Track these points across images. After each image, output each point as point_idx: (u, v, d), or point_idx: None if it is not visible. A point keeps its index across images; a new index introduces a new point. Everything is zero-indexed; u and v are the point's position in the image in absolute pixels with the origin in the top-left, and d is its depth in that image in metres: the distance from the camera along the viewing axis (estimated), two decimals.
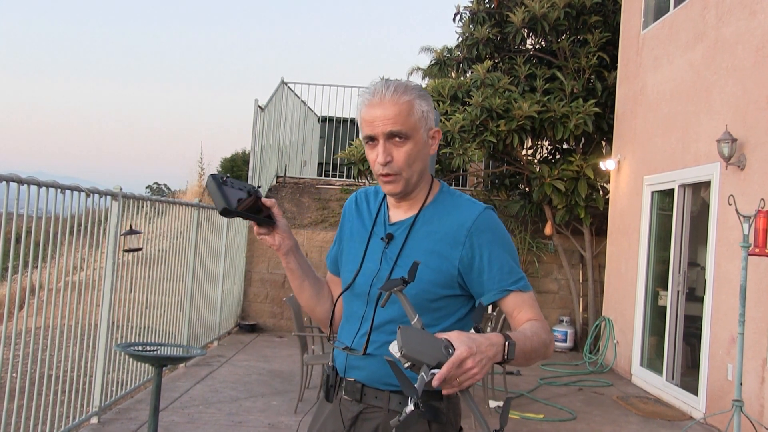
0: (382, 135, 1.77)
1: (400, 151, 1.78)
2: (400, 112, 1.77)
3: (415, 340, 1.47)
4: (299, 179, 12.30)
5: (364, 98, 1.82)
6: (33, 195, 3.96)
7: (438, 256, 1.80)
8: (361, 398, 1.84)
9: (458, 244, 1.80)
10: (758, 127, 5.73)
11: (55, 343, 4.44)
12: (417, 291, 1.76)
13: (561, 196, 9.02)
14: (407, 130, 1.77)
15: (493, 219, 1.83)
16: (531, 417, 5.94)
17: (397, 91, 1.78)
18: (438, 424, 1.80)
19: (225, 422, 5.32)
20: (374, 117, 1.78)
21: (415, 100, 1.79)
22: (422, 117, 1.80)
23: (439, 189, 1.91)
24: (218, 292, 8.63)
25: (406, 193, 1.85)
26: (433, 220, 1.85)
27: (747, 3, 6.07)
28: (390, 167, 1.79)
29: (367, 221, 1.95)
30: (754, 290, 5.55)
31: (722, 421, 5.69)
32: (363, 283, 1.87)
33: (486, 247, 1.79)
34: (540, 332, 1.73)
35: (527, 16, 9.48)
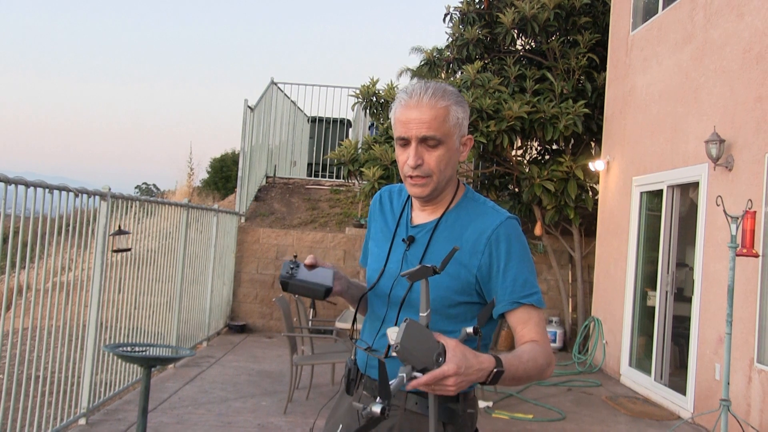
0: (415, 138, 1.77)
1: (432, 155, 1.78)
2: (436, 116, 1.76)
3: (415, 339, 1.47)
4: (289, 179, 12.29)
5: (400, 98, 1.81)
6: (21, 195, 3.93)
7: (457, 263, 1.78)
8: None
9: (477, 252, 1.78)
10: (746, 128, 5.77)
11: (42, 344, 4.41)
12: (435, 296, 1.75)
13: (550, 196, 9.05)
14: (441, 136, 1.77)
15: (513, 229, 1.81)
16: (520, 417, 5.95)
17: (435, 95, 1.77)
18: (453, 425, 1.79)
19: (214, 423, 5.30)
20: (410, 119, 1.76)
21: (452, 106, 1.79)
22: (457, 123, 1.80)
23: (464, 194, 1.90)
24: (207, 293, 8.60)
25: (432, 198, 1.85)
26: (455, 225, 1.84)
27: (735, 5, 6.11)
28: (420, 170, 1.78)
29: (390, 221, 1.96)
30: (741, 290, 5.59)
31: (710, 420, 5.72)
32: (385, 284, 1.87)
33: (503, 257, 1.77)
34: (538, 357, 1.72)
35: (517, 17, 9.50)
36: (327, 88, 12.68)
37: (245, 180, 10.71)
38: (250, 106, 10.86)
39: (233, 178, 16.53)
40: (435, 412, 1.59)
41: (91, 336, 5.07)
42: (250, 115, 10.87)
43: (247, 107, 10.78)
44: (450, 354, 1.49)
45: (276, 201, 11.35)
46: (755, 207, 5.36)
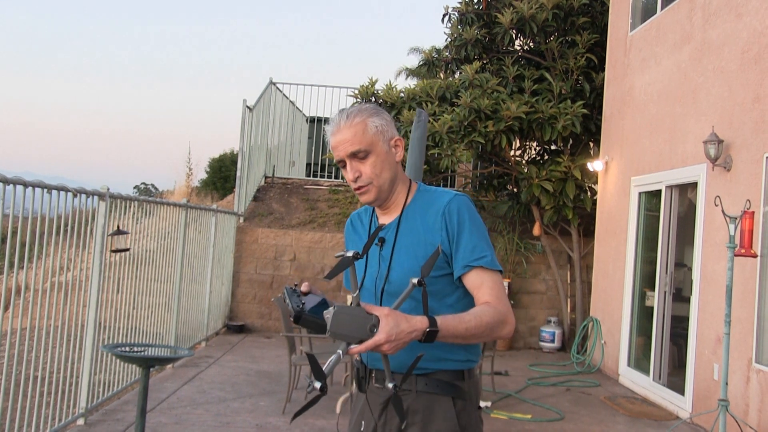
0: (346, 156, 2.01)
1: (365, 165, 2.02)
2: (355, 132, 2.00)
3: (344, 321, 1.69)
4: (287, 180, 12.28)
5: (328, 130, 2.06)
6: (19, 195, 3.93)
7: (424, 244, 2.00)
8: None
9: (436, 230, 2.00)
10: (744, 128, 5.78)
11: (41, 344, 4.40)
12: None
13: (549, 196, 9.05)
14: (366, 146, 2.00)
15: (462, 202, 2.03)
16: (519, 417, 5.96)
17: (350, 116, 2.02)
18: (461, 400, 2.02)
19: (212, 423, 5.30)
20: (337, 143, 2.02)
21: (367, 119, 2.02)
22: (377, 131, 2.03)
23: (417, 189, 2.13)
24: (206, 293, 8.60)
25: (383, 200, 2.08)
26: (415, 216, 2.06)
27: (733, 5, 6.12)
28: (361, 180, 2.02)
29: (362, 234, 2.22)
30: (740, 291, 5.59)
31: (708, 420, 5.73)
32: (369, 284, 2.10)
33: (456, 227, 1.99)
34: (484, 315, 1.88)
35: (515, 17, 9.51)
36: (326, 88, 12.67)
37: (244, 180, 10.71)
38: (249, 106, 10.86)
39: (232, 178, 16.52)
40: (388, 367, 1.83)
41: (90, 336, 5.06)
42: (249, 115, 10.87)
43: (246, 107, 10.77)
44: (382, 323, 1.70)
45: (274, 201, 11.34)
46: (753, 207, 5.37)
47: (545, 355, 9.51)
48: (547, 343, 9.71)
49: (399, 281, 2.00)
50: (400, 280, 1.99)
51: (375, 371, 2.08)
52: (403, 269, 2.00)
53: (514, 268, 10.07)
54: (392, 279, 2.02)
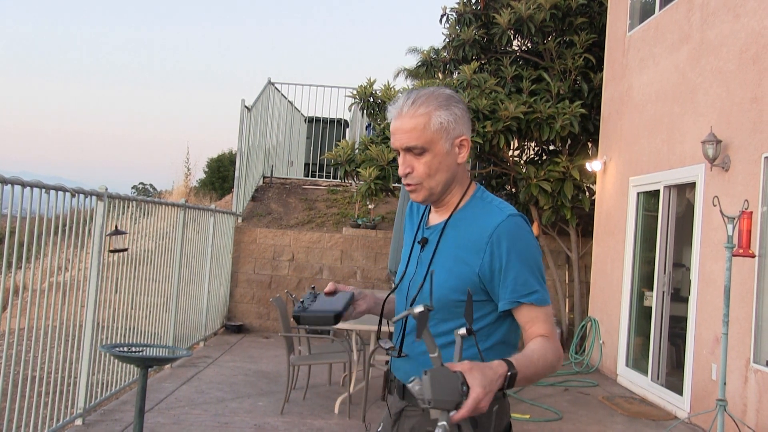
0: (401, 148, 1.84)
1: (420, 163, 1.83)
2: (415, 126, 1.80)
3: (440, 384, 1.48)
4: (286, 179, 12.28)
5: (390, 110, 1.87)
6: (17, 195, 3.93)
7: (461, 263, 1.81)
8: (403, 396, 1.90)
9: (480, 251, 1.79)
10: (742, 128, 5.78)
11: (39, 344, 4.40)
12: (439, 296, 1.80)
13: (547, 196, 9.05)
14: (423, 143, 1.81)
15: (516, 226, 1.80)
16: (517, 417, 5.96)
17: (416, 103, 1.81)
18: (466, 423, 1.80)
19: (211, 423, 5.30)
20: (395, 130, 1.84)
21: (433, 111, 1.81)
22: (441, 128, 1.81)
23: (473, 193, 1.92)
24: (204, 293, 8.60)
25: (433, 201, 1.91)
26: (461, 225, 1.87)
27: (731, 6, 6.12)
28: (410, 178, 1.84)
29: (414, 225, 2.05)
30: (738, 291, 5.60)
31: (706, 420, 5.73)
32: (404, 285, 1.95)
33: (504, 255, 1.77)
34: (548, 354, 1.73)
35: (513, 18, 9.51)
36: (324, 88, 12.68)
37: (242, 180, 10.70)
38: (247, 107, 10.86)
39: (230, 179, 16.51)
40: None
41: (88, 336, 5.06)
42: (247, 115, 10.86)
43: (244, 107, 10.77)
44: (470, 378, 1.50)
45: (273, 201, 11.34)
46: (751, 207, 5.38)
47: None
48: None
49: (427, 291, 1.83)
50: (428, 291, 1.81)
51: (396, 379, 1.94)
52: (436, 281, 1.81)
53: None
54: (426, 288, 1.84)
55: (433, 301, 1.72)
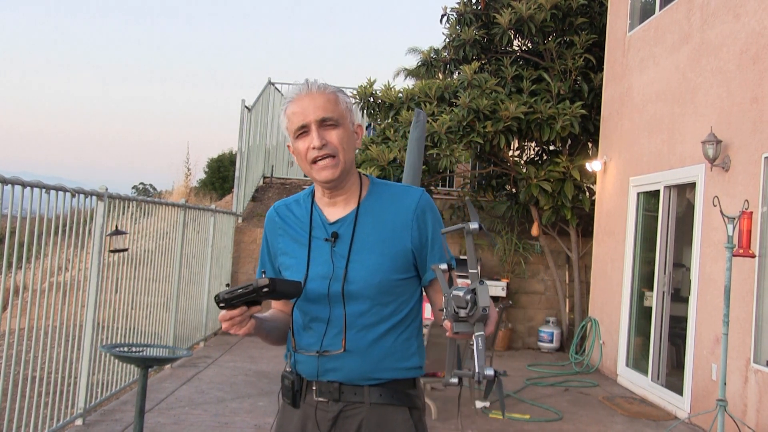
0: (314, 122, 1.84)
1: (332, 135, 1.85)
2: (328, 99, 1.86)
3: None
4: (286, 180, 12.28)
5: (289, 97, 1.90)
6: (17, 195, 3.93)
7: (391, 244, 1.87)
8: (340, 397, 1.87)
9: (407, 227, 1.88)
10: (742, 128, 5.78)
11: (39, 344, 4.40)
12: (380, 280, 1.84)
13: (547, 197, 9.05)
14: (337, 117, 1.86)
15: (431, 200, 1.94)
16: (517, 417, 5.96)
17: (321, 85, 1.89)
18: (417, 410, 1.91)
19: (211, 423, 5.30)
20: (305, 107, 1.85)
21: (338, 92, 1.90)
22: (347, 108, 1.91)
23: (370, 181, 1.97)
24: (205, 293, 8.59)
25: (341, 182, 1.89)
26: (376, 210, 1.91)
27: (731, 6, 6.12)
28: (327, 149, 1.84)
29: (300, 229, 1.96)
30: (738, 291, 5.60)
31: (706, 420, 5.73)
32: (317, 286, 1.88)
33: (430, 226, 1.90)
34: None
35: (514, 18, 9.51)
36: None
37: (242, 180, 10.70)
38: (248, 107, 10.86)
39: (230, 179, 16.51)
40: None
41: (88, 336, 5.06)
42: (248, 115, 10.86)
43: (245, 107, 10.77)
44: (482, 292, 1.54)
45: (273, 201, 11.34)
46: (752, 207, 5.37)
47: (544, 355, 9.51)
48: (546, 343, 9.72)
49: (362, 280, 1.84)
50: (363, 279, 1.84)
51: (317, 383, 1.89)
52: (365, 268, 1.84)
53: (512, 269, 10.07)
54: (352, 278, 1.84)
55: (373, 286, 1.81)
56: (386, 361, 1.86)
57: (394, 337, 1.87)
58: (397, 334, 1.88)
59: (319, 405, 1.89)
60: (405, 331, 1.90)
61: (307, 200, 1.99)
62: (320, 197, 1.95)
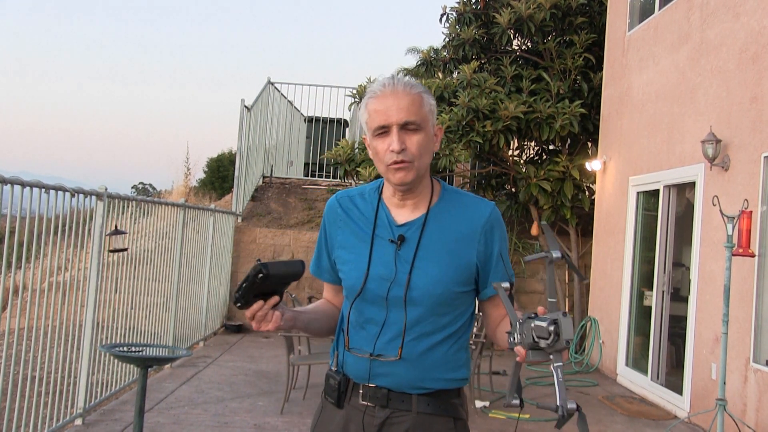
0: (396, 124, 1.77)
1: (413, 140, 1.78)
2: (413, 101, 1.78)
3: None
4: (285, 179, 12.28)
5: (373, 91, 1.81)
6: (17, 195, 3.92)
7: (457, 255, 1.82)
8: (387, 404, 1.84)
9: (474, 241, 1.84)
10: (742, 128, 5.78)
11: (39, 344, 4.40)
12: (442, 291, 1.80)
13: (547, 196, 9.05)
14: (420, 121, 1.78)
15: (500, 216, 1.91)
16: (517, 417, 5.95)
17: (407, 84, 1.81)
18: (461, 420, 1.88)
19: (211, 423, 5.30)
20: (388, 106, 1.77)
21: (423, 93, 1.81)
22: (430, 111, 1.83)
23: (442, 187, 1.91)
24: (204, 293, 8.59)
25: (414, 186, 1.83)
26: (444, 218, 1.86)
27: (731, 5, 6.12)
28: (405, 154, 1.76)
29: (363, 225, 1.89)
30: (737, 290, 5.60)
31: (706, 420, 5.73)
32: (376, 287, 1.83)
33: (497, 243, 1.86)
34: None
35: (513, 17, 9.51)
36: (324, 87, 12.68)
37: (242, 180, 10.70)
38: (247, 106, 10.85)
39: (230, 178, 16.51)
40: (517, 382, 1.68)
41: (88, 336, 5.06)
42: (247, 114, 10.86)
43: (244, 107, 10.77)
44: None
45: (273, 201, 11.34)
46: (751, 207, 5.37)
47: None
48: None
49: (423, 288, 1.79)
50: (424, 288, 1.79)
51: (364, 387, 1.85)
52: (429, 276, 1.80)
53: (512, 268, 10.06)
54: (414, 285, 1.79)
55: (434, 296, 1.78)
56: (436, 371, 1.83)
57: (446, 347, 1.84)
58: (449, 344, 1.85)
59: (366, 410, 1.85)
60: (456, 342, 1.87)
61: (374, 196, 1.92)
62: (389, 197, 1.89)
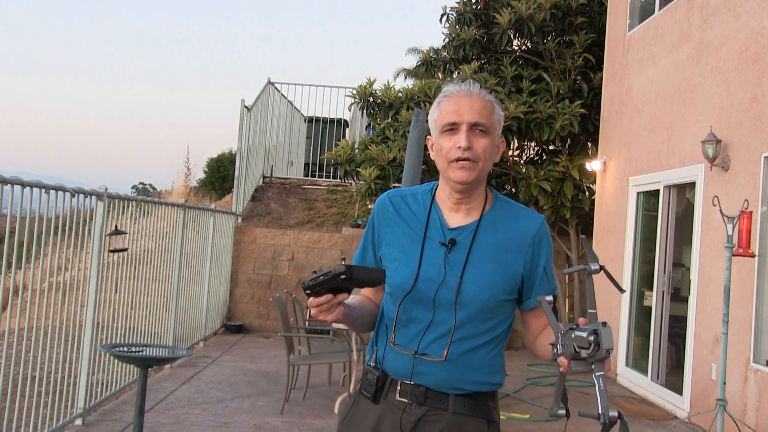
0: (467, 123, 1.82)
1: (480, 142, 1.83)
2: (485, 106, 1.85)
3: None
4: (285, 179, 12.28)
5: (448, 91, 1.88)
6: (17, 195, 3.92)
7: (505, 264, 1.86)
8: (425, 401, 1.86)
9: (522, 251, 1.88)
10: (742, 128, 5.78)
11: (39, 344, 4.40)
12: (489, 297, 1.84)
13: (547, 196, 9.05)
14: (489, 125, 1.85)
15: (549, 230, 1.95)
16: (517, 417, 5.96)
17: (482, 90, 1.88)
18: (494, 423, 1.92)
19: (211, 423, 5.30)
20: (461, 106, 1.83)
21: (495, 104, 1.88)
22: (498, 121, 1.89)
23: (495, 196, 1.95)
24: (204, 293, 8.60)
25: (472, 188, 1.87)
26: (497, 226, 1.90)
27: (731, 6, 6.12)
28: (471, 152, 1.81)
29: (414, 226, 1.92)
30: (737, 290, 5.60)
31: (706, 420, 5.74)
32: (425, 288, 1.85)
33: (544, 256, 1.90)
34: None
35: (513, 17, 9.51)
36: (324, 88, 12.69)
37: (242, 180, 10.71)
38: (247, 106, 10.86)
39: (230, 178, 16.52)
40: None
41: (88, 336, 5.06)
42: (247, 115, 10.86)
43: (244, 107, 10.77)
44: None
45: (273, 201, 11.34)
46: (751, 207, 5.38)
47: None
48: None
49: (471, 293, 1.83)
50: (472, 293, 1.83)
51: (402, 384, 1.88)
52: (477, 282, 1.83)
53: None
54: (465, 289, 1.82)
55: (481, 302, 1.81)
56: (474, 374, 1.86)
57: (485, 351, 1.88)
58: (488, 349, 1.88)
59: (402, 407, 1.87)
60: (495, 347, 1.90)
61: (426, 197, 1.95)
62: (444, 199, 1.92)
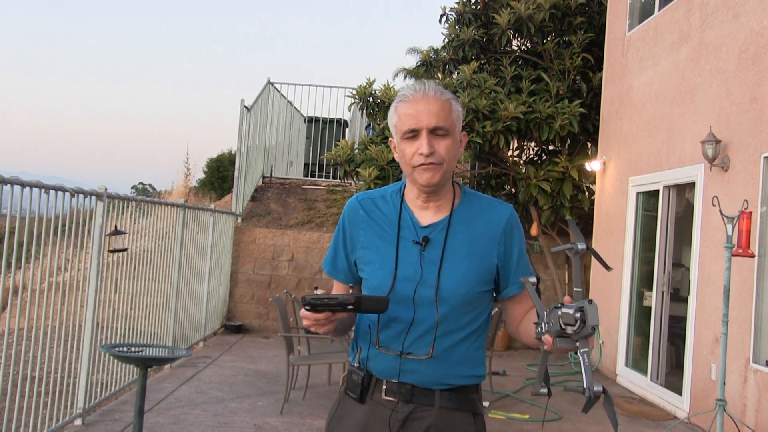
0: (426, 128, 1.83)
1: (441, 144, 1.85)
2: (443, 107, 1.85)
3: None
4: (285, 179, 12.28)
5: (404, 95, 1.89)
6: (16, 195, 3.92)
7: (480, 256, 1.90)
8: (411, 399, 1.88)
9: (495, 242, 1.91)
10: (741, 128, 5.78)
11: (38, 345, 4.40)
12: (467, 290, 1.87)
13: (547, 196, 9.05)
14: (448, 126, 1.85)
15: (518, 218, 1.98)
16: (517, 417, 5.96)
17: (437, 90, 1.88)
18: (479, 415, 1.94)
19: (210, 423, 5.30)
20: (418, 111, 1.84)
21: (451, 100, 1.89)
22: (457, 118, 1.90)
23: (462, 190, 1.98)
24: (204, 293, 8.59)
25: (439, 188, 1.89)
26: (468, 220, 1.93)
27: (730, 6, 6.12)
28: (435, 157, 1.83)
29: (387, 227, 1.94)
30: (737, 291, 5.60)
31: (706, 420, 5.74)
32: (404, 288, 1.87)
33: (516, 244, 1.94)
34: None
35: (513, 18, 9.51)
36: (324, 88, 12.68)
37: (242, 180, 10.70)
38: (247, 106, 10.86)
39: (230, 178, 16.51)
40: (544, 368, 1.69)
41: (87, 336, 5.06)
42: (247, 115, 10.86)
43: (244, 107, 10.77)
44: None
45: (272, 201, 11.33)
46: (751, 207, 5.38)
47: None
48: None
49: (450, 288, 1.85)
50: (451, 288, 1.85)
51: (388, 383, 1.90)
52: (455, 276, 1.86)
53: None
54: (444, 286, 1.85)
55: (460, 296, 1.84)
56: (459, 368, 1.88)
57: (468, 345, 1.91)
58: (470, 342, 1.91)
59: (389, 405, 1.90)
60: (477, 340, 1.93)
61: (396, 198, 1.97)
62: (413, 199, 1.94)
